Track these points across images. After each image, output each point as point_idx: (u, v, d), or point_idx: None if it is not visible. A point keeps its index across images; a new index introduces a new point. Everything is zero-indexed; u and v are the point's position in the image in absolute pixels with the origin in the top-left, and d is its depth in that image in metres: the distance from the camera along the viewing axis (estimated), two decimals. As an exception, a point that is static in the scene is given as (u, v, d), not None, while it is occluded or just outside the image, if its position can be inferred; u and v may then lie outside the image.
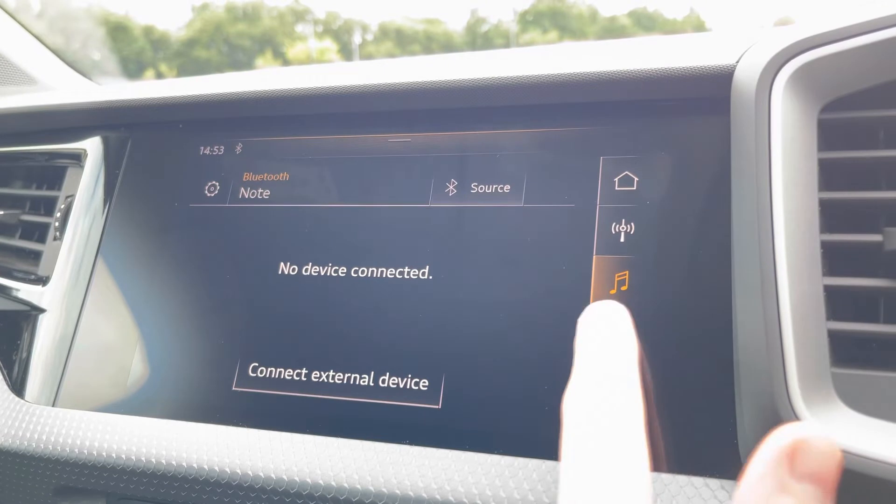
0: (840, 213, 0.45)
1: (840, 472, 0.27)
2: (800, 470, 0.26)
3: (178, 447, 0.55)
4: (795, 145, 0.44)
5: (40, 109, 0.76)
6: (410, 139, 0.61)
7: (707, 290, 0.49)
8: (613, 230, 0.53)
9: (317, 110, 0.64)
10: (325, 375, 0.56)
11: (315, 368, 0.56)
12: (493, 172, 0.57)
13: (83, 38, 7.28)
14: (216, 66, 26.59)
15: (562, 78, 0.56)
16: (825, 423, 0.39)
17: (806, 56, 0.45)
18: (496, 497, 0.47)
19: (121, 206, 0.68)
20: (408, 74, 0.61)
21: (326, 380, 0.55)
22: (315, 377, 0.56)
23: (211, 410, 0.57)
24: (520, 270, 0.54)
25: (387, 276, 0.57)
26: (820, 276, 0.43)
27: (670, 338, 0.49)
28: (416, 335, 0.55)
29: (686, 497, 0.44)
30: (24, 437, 0.60)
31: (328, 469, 0.51)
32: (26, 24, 0.98)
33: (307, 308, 0.58)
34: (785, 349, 0.40)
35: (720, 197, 0.50)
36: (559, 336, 0.51)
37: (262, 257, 0.61)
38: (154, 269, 0.64)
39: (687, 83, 0.53)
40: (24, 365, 0.65)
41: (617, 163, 0.54)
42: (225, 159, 0.66)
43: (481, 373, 0.52)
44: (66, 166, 0.74)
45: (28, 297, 0.68)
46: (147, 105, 0.70)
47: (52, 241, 0.70)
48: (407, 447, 0.51)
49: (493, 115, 0.59)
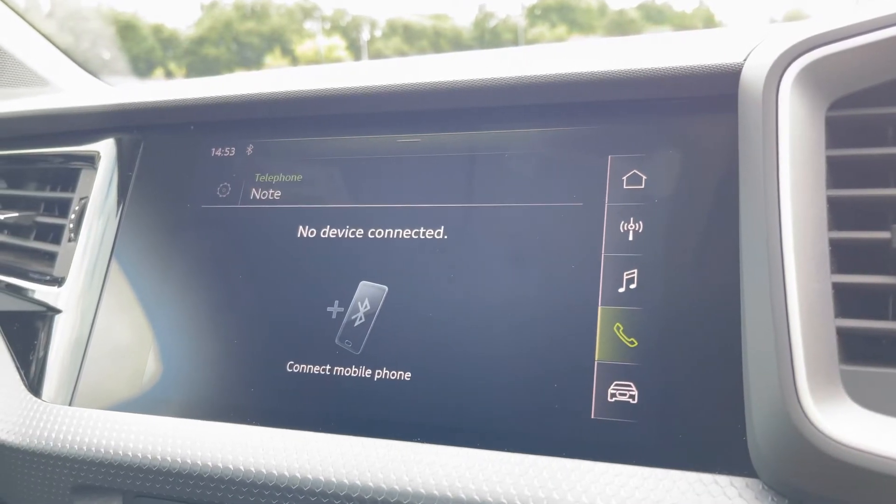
0: (848, 211, 0.45)
1: None
2: None
3: (193, 445, 0.56)
4: (803, 143, 0.44)
5: (54, 112, 0.77)
6: (420, 139, 0.61)
7: (715, 287, 0.49)
8: (622, 228, 0.53)
9: (327, 111, 0.65)
10: (343, 371, 0.56)
11: (337, 365, 0.57)
12: (501, 172, 0.58)
13: (93, 37, 7.31)
14: (225, 63, 26.63)
15: (570, 77, 0.56)
16: (834, 420, 0.39)
17: (814, 54, 0.45)
18: (506, 494, 0.47)
19: (134, 208, 0.69)
20: (416, 75, 0.61)
21: (345, 376, 0.56)
22: (336, 373, 0.56)
23: (226, 409, 0.58)
24: (528, 269, 0.54)
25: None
26: (828, 273, 0.43)
27: (679, 335, 0.49)
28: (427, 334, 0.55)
29: (695, 493, 0.44)
30: (42, 436, 0.61)
31: (340, 467, 0.51)
32: (37, 25, 0.98)
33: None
34: (793, 346, 0.41)
35: (728, 194, 0.50)
36: (567, 334, 0.52)
37: (273, 257, 0.62)
38: (167, 270, 0.65)
39: (694, 81, 0.53)
40: (41, 365, 0.66)
41: (625, 161, 0.55)
42: (236, 161, 0.67)
43: (488, 371, 0.53)
44: (80, 168, 0.75)
45: (44, 297, 0.69)
46: (159, 108, 0.71)
47: (67, 243, 0.71)
48: (418, 445, 0.51)
49: (502, 114, 0.60)
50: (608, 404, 0.49)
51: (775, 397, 0.41)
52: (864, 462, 0.38)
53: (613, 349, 0.50)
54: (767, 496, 0.43)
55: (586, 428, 0.49)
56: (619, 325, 0.51)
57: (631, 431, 0.48)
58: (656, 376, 0.49)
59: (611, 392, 0.49)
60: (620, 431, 0.48)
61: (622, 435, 0.48)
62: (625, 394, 0.49)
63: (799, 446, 0.39)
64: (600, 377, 0.50)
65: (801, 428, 0.39)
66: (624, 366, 0.50)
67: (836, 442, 0.38)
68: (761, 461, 0.43)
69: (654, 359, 0.49)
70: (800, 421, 0.39)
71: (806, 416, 0.39)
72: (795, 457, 0.40)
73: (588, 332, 0.51)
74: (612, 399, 0.49)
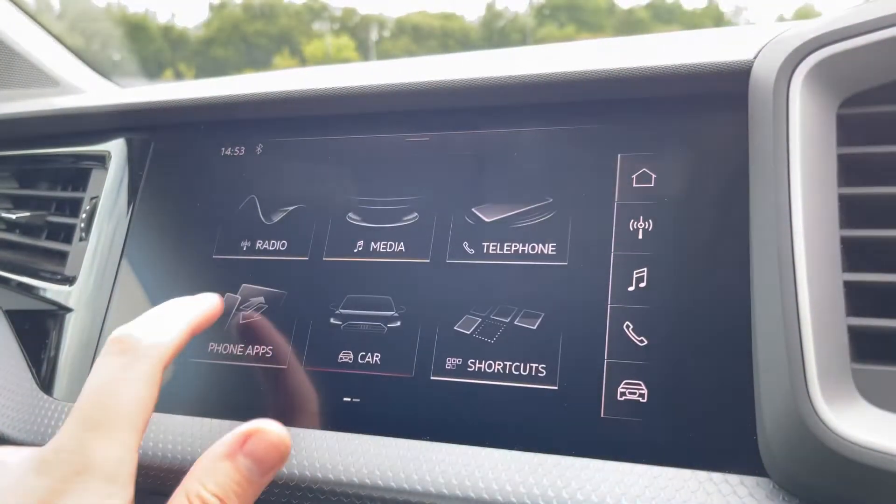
0: (859, 209, 0.45)
1: (282, 460, 0.39)
2: (247, 448, 0.39)
3: (203, 444, 0.56)
4: (814, 141, 0.44)
5: (65, 113, 0.78)
6: (429, 138, 0.61)
7: (726, 286, 0.49)
8: (631, 227, 0.53)
9: (336, 111, 0.65)
10: (351, 370, 0.56)
11: (345, 365, 0.57)
12: (510, 171, 0.58)
13: (103, 38, 7.35)
14: (234, 64, 26.75)
15: (578, 75, 0.56)
16: (845, 419, 0.39)
17: (825, 51, 0.45)
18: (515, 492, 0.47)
19: (145, 207, 0.69)
20: (425, 74, 0.61)
21: (352, 374, 0.56)
22: (344, 372, 0.56)
23: (236, 407, 0.58)
24: (544, 268, 0.54)
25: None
26: (840, 271, 0.43)
27: (689, 334, 0.49)
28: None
29: (705, 493, 0.44)
30: (54, 433, 0.61)
31: (350, 465, 0.51)
32: (48, 26, 0.99)
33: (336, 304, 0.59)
34: (804, 345, 0.40)
35: (739, 193, 0.50)
36: (576, 333, 0.52)
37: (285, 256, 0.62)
38: (178, 269, 0.65)
39: (704, 79, 0.53)
40: (53, 363, 0.67)
41: (634, 160, 0.54)
42: (245, 160, 0.67)
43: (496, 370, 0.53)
44: (91, 168, 0.75)
45: (55, 297, 0.69)
46: (169, 107, 0.71)
47: (78, 242, 0.71)
48: (426, 443, 0.51)
49: (511, 113, 0.60)
50: (617, 403, 0.49)
51: (786, 396, 0.41)
52: (875, 461, 0.37)
53: (623, 348, 0.50)
54: (778, 496, 0.43)
55: (596, 427, 0.49)
56: (628, 323, 0.50)
57: (640, 430, 0.48)
58: (666, 375, 0.49)
59: (620, 391, 0.49)
60: (630, 430, 0.48)
61: (632, 434, 0.48)
62: (634, 393, 0.49)
63: (810, 445, 0.39)
64: (609, 376, 0.50)
65: (813, 427, 0.39)
66: (633, 364, 0.50)
67: (848, 441, 0.38)
68: (772, 460, 0.42)
69: (663, 357, 0.49)
70: (811, 420, 0.39)
71: (817, 414, 0.39)
72: (806, 456, 0.40)
73: (597, 330, 0.51)
74: (621, 398, 0.49)
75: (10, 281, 0.74)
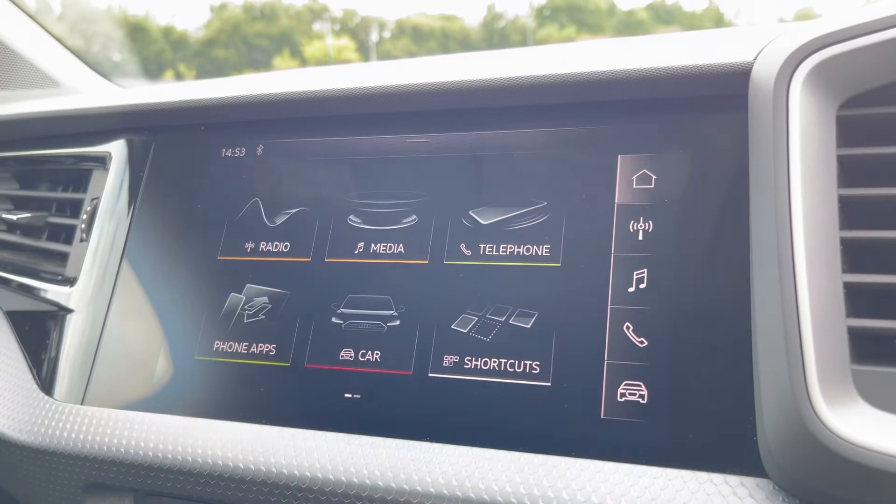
0: (859, 210, 0.45)
1: None
2: None
3: (203, 444, 0.56)
4: (814, 142, 0.44)
5: (66, 114, 0.78)
6: (429, 139, 0.61)
7: (726, 287, 0.49)
8: (632, 228, 0.53)
9: (336, 112, 0.65)
10: (353, 371, 0.56)
11: (346, 365, 0.57)
12: (508, 174, 0.58)
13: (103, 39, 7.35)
14: (234, 65, 26.75)
15: (578, 77, 0.56)
16: (845, 420, 0.39)
17: (824, 52, 0.45)
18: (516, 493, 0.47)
19: (145, 208, 0.69)
20: (425, 75, 0.61)
21: (355, 374, 0.56)
22: (347, 373, 0.57)
23: (236, 408, 0.58)
24: (538, 269, 0.54)
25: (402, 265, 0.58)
26: (839, 272, 0.42)
27: (689, 335, 0.49)
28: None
29: (706, 494, 0.44)
30: (55, 434, 0.61)
31: (350, 466, 0.51)
32: (48, 28, 0.99)
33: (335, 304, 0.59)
34: (804, 347, 0.40)
35: (738, 194, 0.50)
36: (577, 334, 0.52)
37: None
38: (179, 270, 0.65)
39: (704, 80, 0.53)
40: (53, 364, 0.67)
41: (635, 161, 0.54)
42: (246, 161, 0.67)
43: (498, 370, 0.53)
44: (92, 169, 0.75)
45: (56, 297, 0.69)
46: (170, 109, 0.71)
47: (79, 243, 0.71)
48: (428, 444, 0.52)
49: (511, 114, 0.60)
50: (618, 404, 0.49)
51: (786, 397, 0.41)
52: (875, 462, 0.37)
53: (623, 349, 0.50)
54: (778, 497, 0.43)
55: (596, 428, 0.49)
56: (628, 324, 0.50)
57: (641, 431, 0.48)
58: (666, 376, 0.49)
59: (620, 392, 0.49)
60: (630, 431, 0.48)
61: (632, 435, 0.48)
62: (634, 394, 0.49)
63: (810, 446, 0.39)
64: (610, 377, 0.50)
65: (813, 428, 0.39)
66: (634, 366, 0.50)
67: (848, 442, 0.38)
68: (772, 461, 0.42)
69: (663, 358, 0.49)
70: (811, 421, 0.39)
71: (817, 416, 0.39)
72: (806, 457, 0.40)
73: (598, 331, 0.51)
74: (621, 399, 0.49)
75: (10, 282, 0.75)
